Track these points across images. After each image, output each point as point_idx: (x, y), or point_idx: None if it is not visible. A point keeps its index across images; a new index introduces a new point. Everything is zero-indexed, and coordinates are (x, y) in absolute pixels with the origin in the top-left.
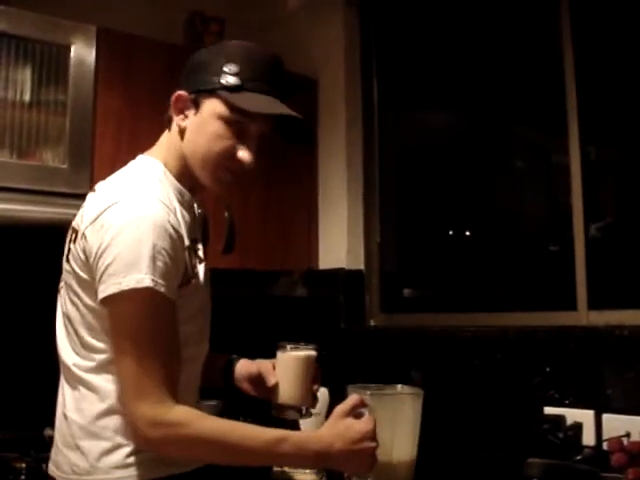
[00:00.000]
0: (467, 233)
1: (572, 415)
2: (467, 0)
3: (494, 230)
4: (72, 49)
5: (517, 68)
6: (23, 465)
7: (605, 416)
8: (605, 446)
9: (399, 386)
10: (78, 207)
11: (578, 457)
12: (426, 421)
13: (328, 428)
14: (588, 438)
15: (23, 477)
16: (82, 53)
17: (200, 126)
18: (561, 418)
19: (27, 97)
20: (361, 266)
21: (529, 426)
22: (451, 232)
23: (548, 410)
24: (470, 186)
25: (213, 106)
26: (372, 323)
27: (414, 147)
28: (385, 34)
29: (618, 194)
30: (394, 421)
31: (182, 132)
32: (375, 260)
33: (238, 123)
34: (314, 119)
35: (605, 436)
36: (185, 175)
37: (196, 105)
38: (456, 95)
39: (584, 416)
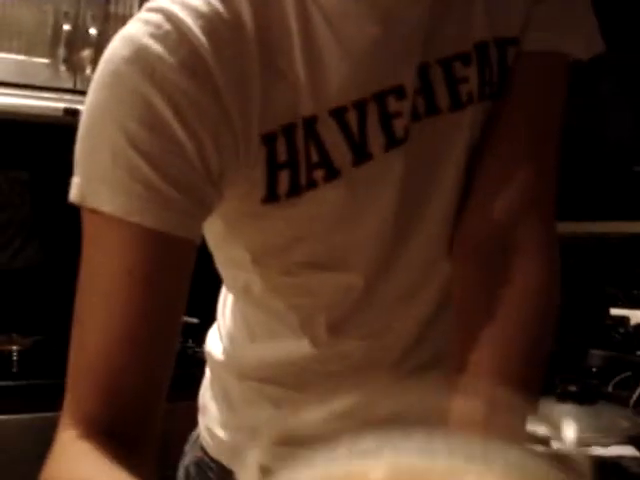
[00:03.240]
0: None
1: (637, 316)
2: None
3: (577, 151)
4: None
5: None
6: None
7: None
8: None
9: None
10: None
11: (639, 352)
12: None
13: None
14: None
15: None
16: None
17: None
18: (625, 318)
19: None
20: None
21: (594, 323)
22: None
23: (614, 312)
24: None
25: None
26: None
27: None
28: None
29: None
30: None
31: None
32: None
33: None
34: None
35: None
36: None
37: None
38: None
39: None
